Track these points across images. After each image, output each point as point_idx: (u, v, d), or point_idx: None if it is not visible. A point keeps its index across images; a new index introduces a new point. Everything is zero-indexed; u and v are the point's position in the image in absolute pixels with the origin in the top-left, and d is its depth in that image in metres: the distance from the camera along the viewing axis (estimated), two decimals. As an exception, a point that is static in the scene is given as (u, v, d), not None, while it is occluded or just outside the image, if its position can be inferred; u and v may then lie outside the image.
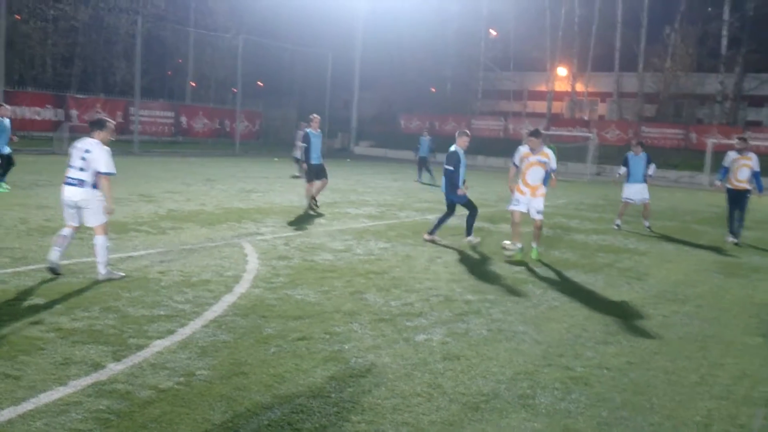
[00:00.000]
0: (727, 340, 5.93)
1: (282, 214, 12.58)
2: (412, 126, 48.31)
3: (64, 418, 3.70)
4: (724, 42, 39.88)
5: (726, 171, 12.08)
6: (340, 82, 44.62)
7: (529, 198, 9.34)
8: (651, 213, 13.78)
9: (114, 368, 4.47)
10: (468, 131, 10.56)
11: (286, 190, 17.29)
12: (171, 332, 5.26)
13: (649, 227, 13.29)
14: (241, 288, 6.76)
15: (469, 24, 45.99)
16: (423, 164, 24.10)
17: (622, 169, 13.62)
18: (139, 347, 4.89)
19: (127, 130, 33.94)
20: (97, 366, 4.48)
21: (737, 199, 11.90)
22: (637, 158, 13.48)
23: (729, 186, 12.00)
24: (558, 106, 46.68)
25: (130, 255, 8.11)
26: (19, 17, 35.99)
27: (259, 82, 48.62)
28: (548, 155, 9.31)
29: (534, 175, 9.29)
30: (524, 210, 9.35)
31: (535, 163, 9.26)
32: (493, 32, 48.20)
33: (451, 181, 10.15)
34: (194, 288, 6.66)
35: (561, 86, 46.34)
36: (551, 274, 8.38)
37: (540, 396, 4.38)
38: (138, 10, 36.69)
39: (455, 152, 10.09)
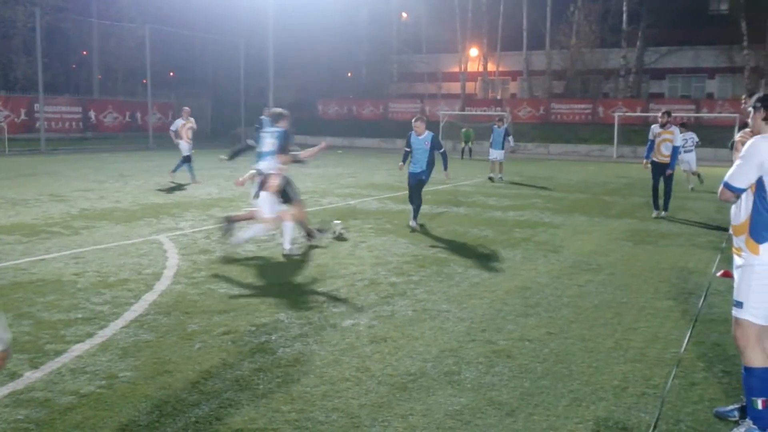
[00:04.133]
0: (639, 305, 6.25)
1: (201, 208, 12.31)
2: (330, 111, 48.15)
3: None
4: (625, 17, 41.70)
5: (652, 145, 11.99)
6: (255, 70, 43.75)
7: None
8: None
9: (31, 376, 4.30)
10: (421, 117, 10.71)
11: (204, 183, 16.88)
12: (90, 335, 5.09)
13: (501, 178, 19.22)
14: (161, 285, 6.60)
15: (381, 7, 46.13)
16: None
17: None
18: (57, 353, 4.71)
19: (32, 127, 32.22)
20: (14, 375, 4.29)
21: (659, 172, 11.87)
22: (499, 130, 19.49)
23: (654, 159, 11.91)
24: (471, 87, 47.62)
25: (42, 258, 7.75)
26: None
27: (170, 73, 47.04)
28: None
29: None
30: None
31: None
32: (404, 15, 48.53)
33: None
34: (112, 288, 6.45)
35: (473, 67, 47.28)
36: (472, 252, 8.60)
37: (465, 371, 4.51)
38: (35, 2, 34.65)
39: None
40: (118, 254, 8.05)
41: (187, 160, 16.74)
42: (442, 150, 10.36)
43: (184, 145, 16.71)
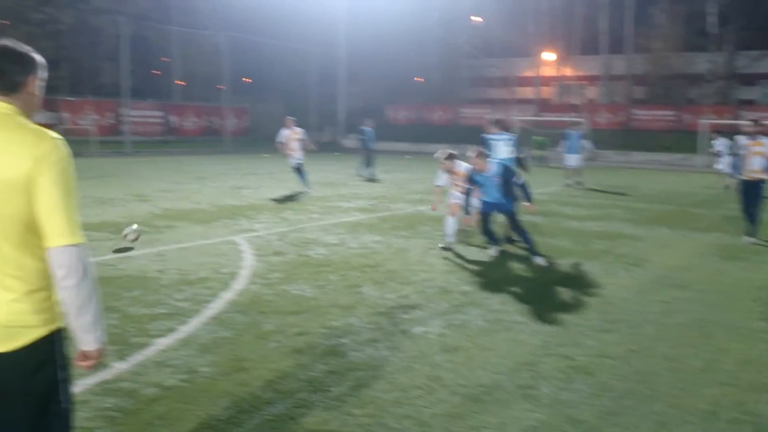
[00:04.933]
0: (730, 325, 5.89)
1: (274, 210, 12.56)
2: (399, 117, 48.17)
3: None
4: (713, 20, 39.90)
5: (739, 159, 10.40)
6: (326, 76, 44.48)
7: None
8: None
9: (119, 367, 4.50)
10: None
11: (277, 185, 17.23)
12: (172, 330, 5.28)
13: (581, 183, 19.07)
14: (238, 285, 6.76)
15: (451, 12, 45.91)
16: (371, 156, 21.23)
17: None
18: (142, 346, 4.91)
19: (118, 130, 33.83)
20: (103, 365, 4.48)
21: (750, 191, 10.18)
22: (574, 135, 19.31)
23: (742, 177, 10.31)
24: (546, 92, 46.64)
25: (128, 255, 8.08)
26: (7, 23, 35.63)
27: (245, 79, 48.38)
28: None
29: None
30: None
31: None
32: (476, 19, 48.09)
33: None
34: (193, 286, 6.66)
35: (548, 71, 46.32)
36: (547, 263, 8.35)
37: (541, 386, 4.38)
38: (121, 11, 36.40)
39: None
40: (198, 253, 8.30)
41: (297, 170, 15.86)
42: (521, 182, 8.45)
43: (290, 157, 15.99)
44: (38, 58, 2.34)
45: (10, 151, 2.13)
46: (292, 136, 16.11)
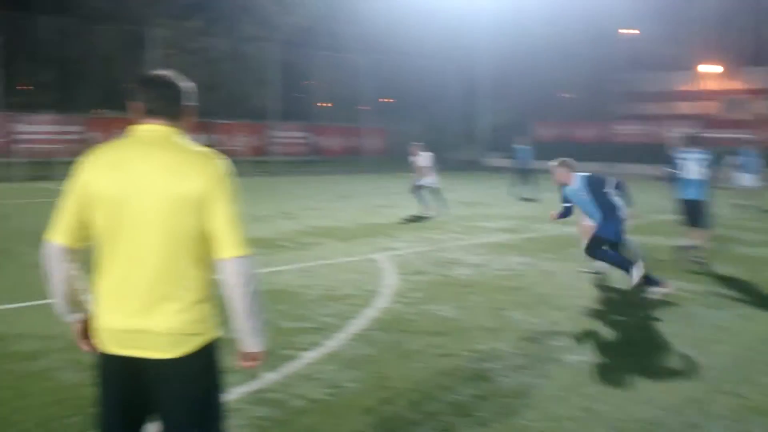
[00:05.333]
0: None
1: (414, 229, 12.60)
2: (544, 134, 46.77)
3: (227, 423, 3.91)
4: None
5: None
6: (466, 93, 44.43)
7: None
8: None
9: (269, 378, 4.63)
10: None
11: (416, 205, 17.31)
12: (318, 344, 5.39)
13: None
14: (380, 302, 6.80)
15: (602, 24, 44.06)
16: (529, 176, 20.74)
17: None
18: (290, 358, 5.05)
19: (266, 151, 35.91)
20: (254, 375, 4.64)
21: None
22: (750, 153, 17.76)
23: None
24: (709, 106, 43.27)
25: (276, 269, 8.42)
26: (169, 51, 39.20)
27: (384, 99, 49.54)
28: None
29: None
30: None
31: None
32: (629, 31, 45.84)
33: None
34: (337, 302, 6.78)
35: (711, 84, 43.06)
36: (714, 292, 7.60)
37: (710, 426, 3.98)
38: (270, 38, 38.72)
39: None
40: (341, 270, 8.48)
41: (414, 190, 15.80)
42: (616, 185, 7.21)
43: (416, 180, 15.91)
44: (192, 86, 2.56)
45: (183, 172, 2.32)
46: (418, 162, 15.92)
